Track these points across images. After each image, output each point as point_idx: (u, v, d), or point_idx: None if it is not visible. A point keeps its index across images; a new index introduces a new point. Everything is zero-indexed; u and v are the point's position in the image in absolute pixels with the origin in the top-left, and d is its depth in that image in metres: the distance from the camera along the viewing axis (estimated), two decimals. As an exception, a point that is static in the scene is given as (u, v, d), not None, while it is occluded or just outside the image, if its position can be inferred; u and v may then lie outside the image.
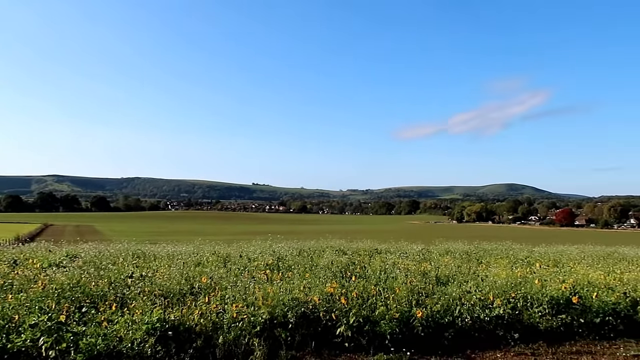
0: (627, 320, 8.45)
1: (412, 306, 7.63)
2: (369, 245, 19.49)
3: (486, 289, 8.44)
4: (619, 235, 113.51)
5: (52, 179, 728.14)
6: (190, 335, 6.52)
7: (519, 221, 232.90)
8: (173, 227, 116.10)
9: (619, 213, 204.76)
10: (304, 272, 10.04)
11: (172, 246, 18.01)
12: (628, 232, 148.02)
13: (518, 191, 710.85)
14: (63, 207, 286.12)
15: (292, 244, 18.22)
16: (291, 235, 26.60)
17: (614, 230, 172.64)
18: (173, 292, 8.20)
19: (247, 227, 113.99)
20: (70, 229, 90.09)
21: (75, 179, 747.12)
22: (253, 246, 16.73)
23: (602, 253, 18.40)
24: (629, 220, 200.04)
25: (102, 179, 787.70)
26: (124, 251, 14.96)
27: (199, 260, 12.63)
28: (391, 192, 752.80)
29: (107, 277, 9.07)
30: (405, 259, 13.95)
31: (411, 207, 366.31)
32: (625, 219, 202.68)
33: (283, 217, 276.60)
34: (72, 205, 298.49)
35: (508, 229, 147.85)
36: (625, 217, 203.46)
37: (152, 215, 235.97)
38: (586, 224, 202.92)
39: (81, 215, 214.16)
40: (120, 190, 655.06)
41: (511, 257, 15.74)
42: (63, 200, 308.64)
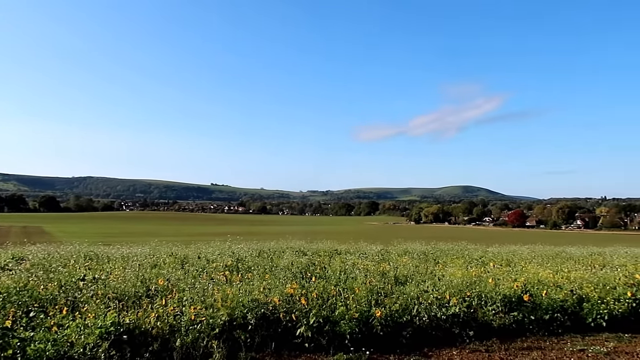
0: (573, 317, 8.84)
1: (371, 306, 7.71)
2: (329, 246, 19.57)
3: (443, 288, 8.64)
4: (566, 235, 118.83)
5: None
6: (146, 338, 6.33)
7: (474, 222, 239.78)
8: (128, 228, 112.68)
9: (566, 214, 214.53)
10: (263, 273, 9.98)
11: (127, 248, 17.48)
12: (575, 233, 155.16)
13: (473, 193, 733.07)
14: (8, 207, 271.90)
15: (251, 245, 18.07)
16: (251, 236, 26.38)
17: (561, 230, 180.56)
18: (128, 295, 7.96)
19: (205, 228, 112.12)
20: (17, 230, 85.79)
21: (22, 178, 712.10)
22: (212, 247, 16.46)
23: (551, 253, 19.17)
24: (576, 221, 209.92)
25: (52, 177, 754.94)
26: (75, 253, 14.39)
27: (155, 262, 12.32)
28: (351, 194, 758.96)
29: (57, 280, 8.71)
30: (364, 260, 14.10)
31: (370, 208, 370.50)
32: (572, 220, 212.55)
33: (242, 218, 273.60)
34: (19, 205, 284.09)
35: (463, 230, 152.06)
36: (572, 219, 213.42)
37: (106, 216, 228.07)
38: (536, 225, 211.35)
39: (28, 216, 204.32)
40: (71, 190, 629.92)
41: (466, 257, 16.17)
42: (8, 200, 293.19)
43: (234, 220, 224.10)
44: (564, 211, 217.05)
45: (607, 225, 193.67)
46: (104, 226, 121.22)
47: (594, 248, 22.99)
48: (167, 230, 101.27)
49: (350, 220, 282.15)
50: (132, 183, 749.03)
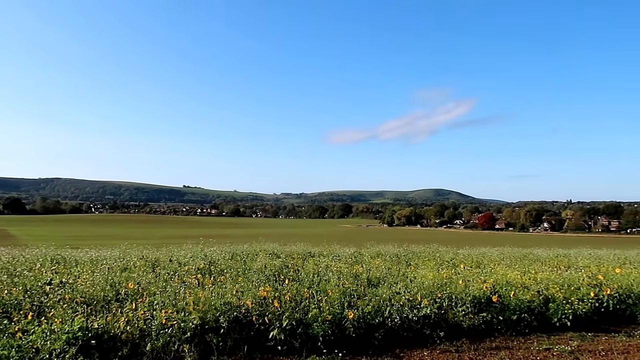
0: (540, 317, 9.10)
1: (344, 308, 7.75)
2: (303, 249, 19.55)
3: (414, 290, 8.76)
4: (533, 238, 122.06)
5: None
6: (116, 343, 6.22)
7: (445, 225, 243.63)
8: (97, 231, 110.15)
9: (534, 217, 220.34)
10: (236, 276, 9.90)
11: (96, 251, 17.05)
12: (542, 235, 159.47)
13: (444, 196, 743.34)
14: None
15: (224, 248, 17.90)
16: (224, 239, 26.17)
17: (529, 233, 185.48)
18: (97, 299, 7.79)
19: (177, 231, 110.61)
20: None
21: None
22: (184, 250, 16.21)
23: (519, 254, 19.61)
24: (543, 224, 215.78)
25: (17, 179, 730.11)
26: (41, 256, 13.95)
27: (125, 266, 12.06)
28: (325, 196, 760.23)
29: (22, 284, 8.44)
30: (338, 262, 14.16)
31: (344, 211, 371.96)
32: (539, 222, 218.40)
33: (215, 220, 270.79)
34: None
35: (435, 233, 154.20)
36: (540, 221, 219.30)
37: (74, 219, 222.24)
38: (505, 228, 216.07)
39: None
40: (37, 192, 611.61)
41: (438, 259, 16.38)
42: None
43: (206, 222, 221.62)
44: (532, 214, 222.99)
45: (572, 228, 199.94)
46: (72, 229, 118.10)
47: (559, 250, 23.62)
48: (138, 233, 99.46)
49: (324, 222, 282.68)
50: (101, 185, 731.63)
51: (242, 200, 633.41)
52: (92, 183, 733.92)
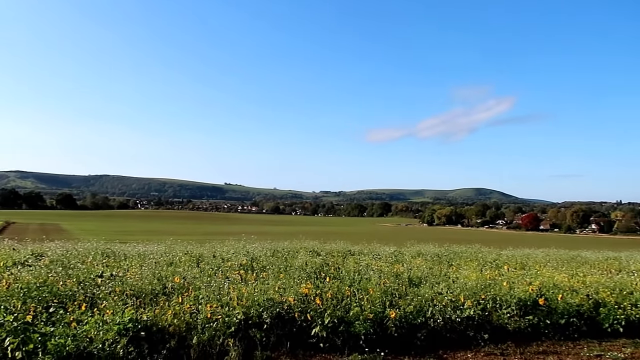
0: (590, 322, 8.76)
1: (385, 307, 7.72)
2: (342, 247, 19.58)
3: (457, 291, 8.61)
4: (581, 239, 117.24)
5: (14, 174, 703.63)
6: (164, 335, 6.43)
7: (487, 225, 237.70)
8: (143, 226, 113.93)
9: (581, 218, 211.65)
10: (278, 273, 10.03)
11: (143, 246, 17.68)
12: (589, 237, 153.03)
13: (486, 195, 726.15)
14: (26, 205, 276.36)
15: (265, 245, 18.16)
16: (264, 236, 26.49)
17: (576, 235, 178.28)
18: (145, 292, 8.08)
19: (219, 228, 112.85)
20: (35, 227, 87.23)
21: (39, 176, 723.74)
22: (226, 246, 16.56)
23: (566, 257, 18.97)
24: (591, 225, 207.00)
25: (69, 176, 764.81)
26: (92, 250, 14.60)
27: (171, 260, 12.46)
28: (363, 195, 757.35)
29: (75, 276, 8.86)
30: (378, 261, 14.11)
31: (383, 210, 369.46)
32: (587, 224, 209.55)
33: (255, 217, 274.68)
34: (36, 202, 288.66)
35: (476, 233, 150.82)
36: (587, 223, 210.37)
37: (121, 214, 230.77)
38: (550, 229, 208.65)
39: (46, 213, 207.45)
40: (87, 188, 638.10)
41: (480, 259, 16.06)
42: (26, 197, 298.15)
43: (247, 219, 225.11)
44: (579, 215, 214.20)
45: (622, 230, 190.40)
46: (119, 224, 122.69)
47: (609, 252, 22.68)
48: (181, 228, 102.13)
49: (363, 221, 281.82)
50: (147, 182, 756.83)
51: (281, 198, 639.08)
52: (138, 180, 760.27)
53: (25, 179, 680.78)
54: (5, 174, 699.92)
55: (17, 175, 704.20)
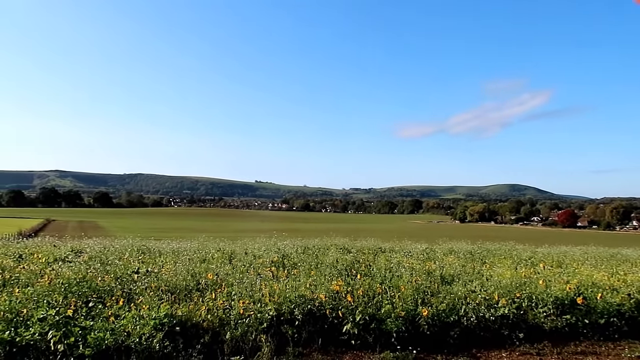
0: (631, 322, 8.44)
1: (417, 305, 7.64)
2: (373, 244, 19.49)
3: (491, 289, 8.46)
4: (621, 237, 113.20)
5: (54, 174, 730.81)
6: (198, 330, 6.55)
7: (522, 222, 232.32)
8: (176, 223, 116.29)
9: (621, 215, 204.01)
10: (309, 270, 10.07)
11: (177, 243, 18.07)
12: (630, 234, 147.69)
13: (520, 192, 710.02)
14: (65, 203, 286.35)
15: (296, 242, 18.25)
16: (295, 233, 26.66)
17: (616, 232, 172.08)
18: (179, 288, 8.25)
19: (250, 225, 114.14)
20: (73, 225, 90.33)
21: (77, 175, 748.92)
22: (258, 243, 16.76)
23: (605, 254, 18.34)
24: (632, 222, 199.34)
25: (105, 174, 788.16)
26: (129, 247, 15.02)
27: (204, 257, 12.69)
28: (394, 191, 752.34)
29: (113, 272, 9.11)
30: (409, 258, 13.98)
31: (414, 207, 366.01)
32: (627, 220, 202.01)
33: (286, 215, 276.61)
34: (75, 200, 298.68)
35: (511, 230, 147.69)
36: (628, 219, 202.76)
37: (155, 212, 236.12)
38: (588, 226, 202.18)
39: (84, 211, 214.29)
40: (122, 187, 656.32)
41: (515, 257, 15.71)
42: (65, 195, 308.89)
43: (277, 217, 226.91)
44: (619, 211, 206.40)
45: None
46: (154, 221, 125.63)
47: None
48: (213, 226, 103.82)
49: (393, 218, 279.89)
50: (179, 180, 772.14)
51: (311, 195, 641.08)
52: (172, 178, 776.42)
53: (65, 178, 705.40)
54: (46, 173, 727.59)
55: (56, 174, 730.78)
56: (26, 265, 10.00)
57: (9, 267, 9.62)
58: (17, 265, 10.03)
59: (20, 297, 6.73)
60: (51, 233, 23.83)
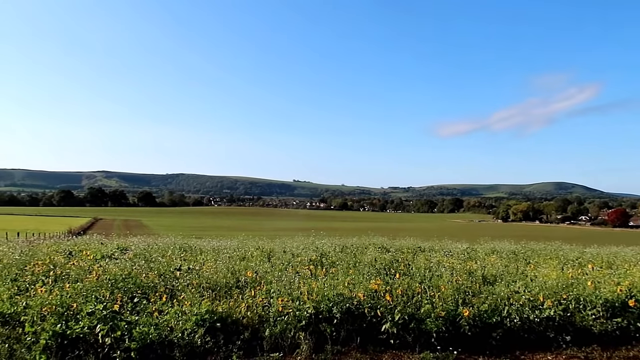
0: (689, 326, 7.98)
1: (458, 305, 7.47)
2: (412, 243, 19.26)
3: (536, 290, 8.17)
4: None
5: (101, 174, 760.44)
6: (238, 327, 6.66)
7: (569, 221, 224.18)
8: (217, 222, 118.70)
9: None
10: (347, 269, 10.02)
11: (217, 241, 18.44)
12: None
13: (567, 190, 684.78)
14: (111, 202, 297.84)
15: (334, 241, 18.26)
16: (333, 232, 26.69)
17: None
18: (220, 285, 8.40)
19: (288, 224, 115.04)
20: (119, 223, 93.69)
21: (123, 175, 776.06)
22: (296, 242, 16.87)
23: (660, 255, 17.42)
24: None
25: (148, 174, 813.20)
26: (171, 245, 15.45)
27: (243, 255, 12.87)
28: (433, 190, 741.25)
29: (156, 269, 9.39)
30: (449, 258, 13.73)
31: (454, 206, 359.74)
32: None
33: (324, 213, 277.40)
34: (120, 200, 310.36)
35: (557, 229, 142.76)
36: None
37: (196, 211, 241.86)
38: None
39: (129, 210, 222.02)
40: (165, 186, 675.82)
41: (561, 257, 15.15)
42: (111, 195, 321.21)
43: (315, 216, 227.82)
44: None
45: None
46: (195, 220, 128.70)
47: None
48: (252, 224, 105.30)
49: (433, 217, 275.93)
50: (219, 179, 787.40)
51: (349, 194, 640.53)
52: (212, 178, 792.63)
53: (110, 179, 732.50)
54: (93, 174, 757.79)
55: (103, 175, 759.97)
56: (76, 262, 10.42)
57: (60, 264, 10.04)
58: (67, 262, 10.46)
59: (71, 292, 7.01)
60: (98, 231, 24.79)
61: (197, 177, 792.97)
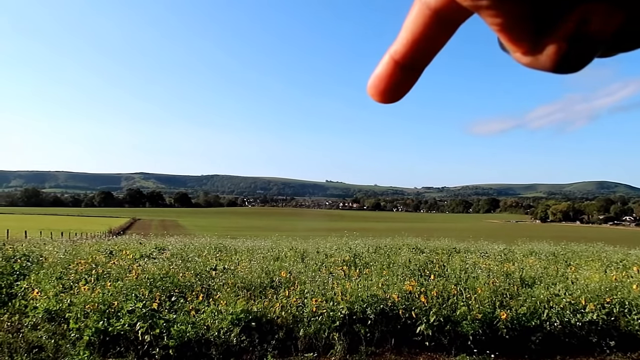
0: None
1: (495, 307, 7.31)
2: (447, 244, 18.97)
3: (577, 293, 7.91)
4: None
5: (139, 176, 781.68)
6: (272, 327, 6.71)
7: (611, 221, 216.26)
8: (251, 223, 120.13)
9: None
10: (381, 270, 9.97)
11: (251, 241, 18.67)
12: None
13: (610, 189, 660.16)
14: (149, 203, 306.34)
15: (367, 241, 18.18)
16: (366, 233, 26.57)
17: None
18: (254, 285, 8.48)
19: (321, 224, 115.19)
20: (156, 223, 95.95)
21: (159, 176, 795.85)
22: (329, 242, 16.88)
23: None
24: None
25: (184, 176, 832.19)
26: (206, 245, 15.73)
27: (277, 255, 12.98)
28: (468, 190, 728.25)
29: (193, 268, 9.57)
30: (486, 259, 13.45)
31: (490, 206, 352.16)
32: None
33: (357, 214, 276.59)
34: (157, 201, 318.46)
35: (599, 230, 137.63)
36: None
37: (230, 211, 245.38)
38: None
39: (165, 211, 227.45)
40: (200, 187, 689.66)
41: (604, 259, 14.61)
42: (149, 196, 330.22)
43: (348, 216, 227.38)
44: None
45: None
46: (229, 221, 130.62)
47: None
48: (285, 225, 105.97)
49: (468, 217, 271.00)
50: (253, 180, 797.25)
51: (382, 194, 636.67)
52: (245, 179, 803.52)
53: (148, 180, 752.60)
54: (132, 175, 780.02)
55: (141, 176, 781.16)
56: (116, 261, 10.74)
57: (101, 263, 10.37)
58: (108, 261, 10.79)
59: (112, 290, 7.22)
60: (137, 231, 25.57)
61: (231, 178, 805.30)
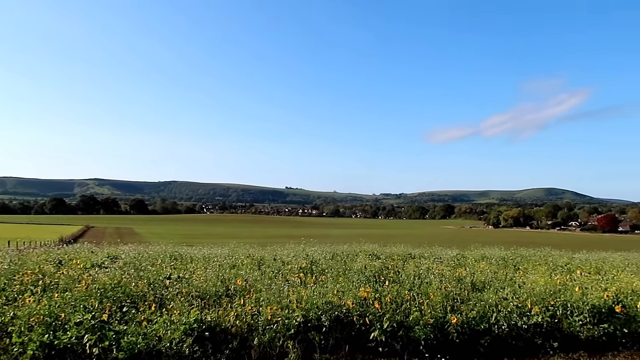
0: (674, 331, 8.08)
1: (446, 312, 7.52)
2: (403, 250, 19.29)
3: (524, 296, 8.24)
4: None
5: (93, 182, 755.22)
6: (226, 336, 6.64)
7: (559, 227, 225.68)
8: (208, 230, 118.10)
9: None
10: (337, 276, 10.01)
11: (208, 249, 18.36)
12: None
13: (557, 196, 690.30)
14: (103, 210, 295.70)
15: (325, 248, 18.23)
16: (324, 239, 26.66)
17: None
18: (209, 294, 8.36)
19: (280, 231, 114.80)
20: (111, 231, 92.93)
21: (115, 183, 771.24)
22: (287, 249, 16.83)
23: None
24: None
25: (141, 182, 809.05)
26: (162, 253, 15.32)
27: (234, 263, 12.81)
28: (425, 196, 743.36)
29: (146, 278, 9.31)
30: (439, 264, 13.76)
31: (446, 212, 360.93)
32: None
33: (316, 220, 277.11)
34: (112, 208, 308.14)
35: (547, 235, 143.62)
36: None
37: (188, 218, 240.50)
38: (630, 230, 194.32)
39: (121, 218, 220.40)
40: (157, 194, 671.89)
41: (550, 263, 15.26)
42: (103, 203, 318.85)
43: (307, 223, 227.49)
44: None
45: None
46: (186, 228, 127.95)
47: (699, 256, 20.72)
48: (244, 232, 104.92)
49: (424, 223, 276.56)
50: (212, 187, 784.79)
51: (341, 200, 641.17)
52: (204, 185, 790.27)
53: (103, 186, 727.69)
54: (85, 181, 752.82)
55: (95, 182, 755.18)
56: (65, 271, 10.29)
57: (49, 273, 9.92)
58: (56, 271, 10.32)
59: (59, 301, 6.94)
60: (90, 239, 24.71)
61: (189, 185, 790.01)
